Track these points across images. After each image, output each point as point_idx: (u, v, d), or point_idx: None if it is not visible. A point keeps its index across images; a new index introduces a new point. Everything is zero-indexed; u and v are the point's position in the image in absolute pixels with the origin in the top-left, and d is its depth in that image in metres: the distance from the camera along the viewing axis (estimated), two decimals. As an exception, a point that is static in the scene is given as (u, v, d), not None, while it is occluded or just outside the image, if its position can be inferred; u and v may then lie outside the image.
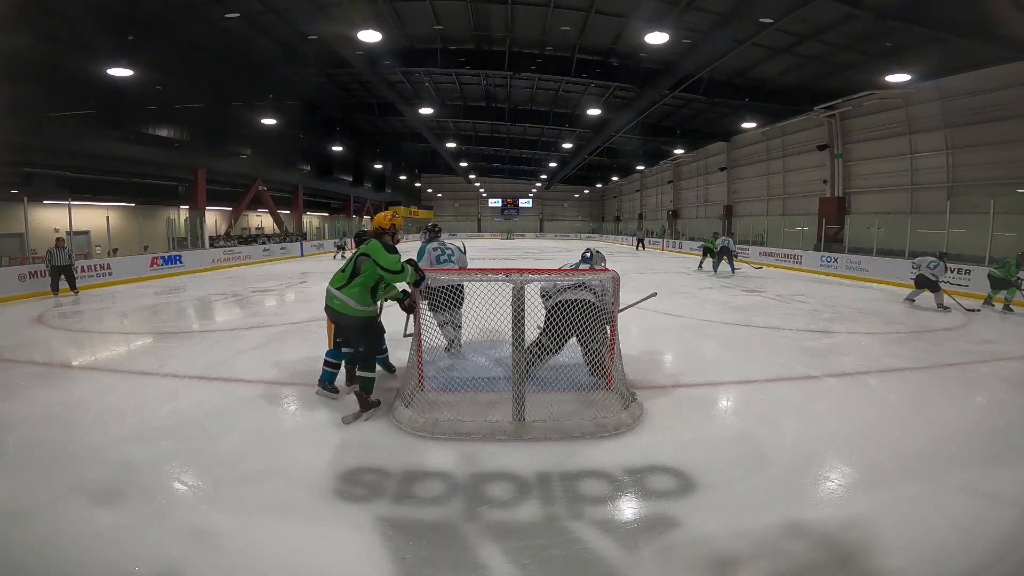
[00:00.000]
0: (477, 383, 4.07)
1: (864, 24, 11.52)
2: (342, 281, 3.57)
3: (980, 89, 13.19)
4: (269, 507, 2.51)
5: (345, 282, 3.55)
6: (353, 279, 3.54)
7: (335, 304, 3.59)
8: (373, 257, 3.49)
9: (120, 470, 2.85)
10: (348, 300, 3.54)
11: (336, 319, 3.70)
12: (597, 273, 4.13)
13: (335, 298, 3.58)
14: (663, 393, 4.16)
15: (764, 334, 6.58)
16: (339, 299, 3.55)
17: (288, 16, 13.69)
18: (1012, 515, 2.48)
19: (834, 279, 13.68)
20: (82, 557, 2.13)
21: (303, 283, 12.38)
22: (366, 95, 22.98)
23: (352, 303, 3.54)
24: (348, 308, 3.54)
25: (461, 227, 51.10)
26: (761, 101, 17.40)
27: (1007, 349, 5.93)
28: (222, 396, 4.12)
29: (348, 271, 3.57)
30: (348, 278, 3.55)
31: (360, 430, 3.42)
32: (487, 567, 2.08)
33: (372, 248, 3.52)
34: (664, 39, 11.36)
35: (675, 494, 2.63)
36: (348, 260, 3.66)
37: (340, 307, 3.56)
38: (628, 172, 39.47)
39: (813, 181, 19.89)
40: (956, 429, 3.56)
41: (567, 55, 16.07)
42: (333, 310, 3.63)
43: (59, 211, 13.98)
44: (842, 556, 2.16)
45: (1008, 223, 11.33)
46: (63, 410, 3.79)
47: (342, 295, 3.55)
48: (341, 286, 3.56)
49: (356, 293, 3.53)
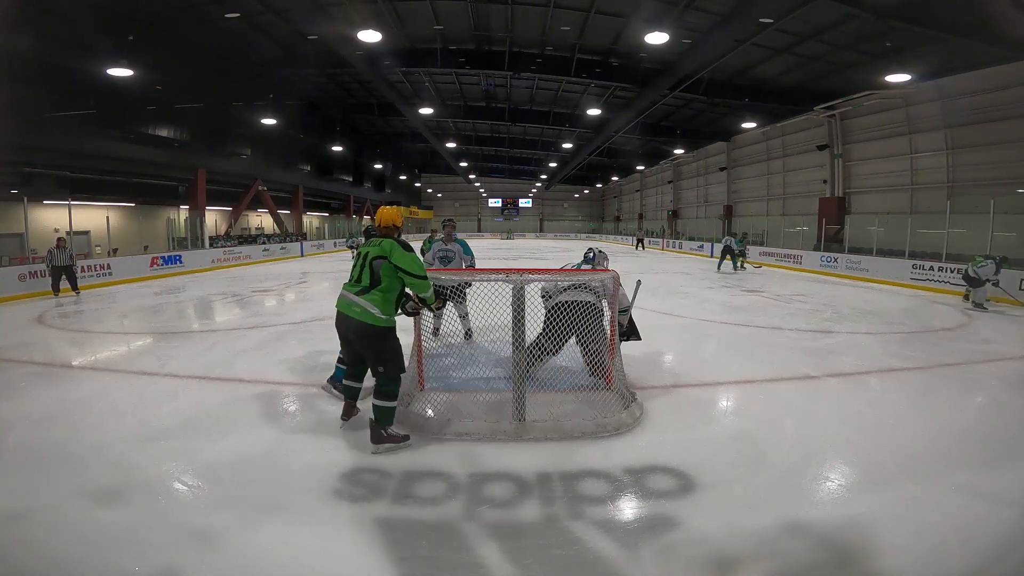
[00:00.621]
0: (477, 383, 4.07)
1: (864, 24, 11.53)
2: (360, 287, 3.07)
3: (980, 89, 13.19)
4: (269, 507, 2.50)
5: (365, 288, 3.05)
6: (375, 285, 3.04)
7: (355, 312, 3.03)
8: (393, 261, 3.03)
9: (120, 470, 2.85)
10: (371, 308, 3.01)
11: (351, 331, 3.10)
12: (597, 273, 4.13)
13: (355, 304, 3.03)
14: (663, 393, 4.16)
15: (764, 334, 6.58)
16: (360, 306, 3.02)
17: (288, 16, 13.69)
18: (1012, 515, 2.48)
19: (834, 279, 13.68)
20: (82, 557, 2.12)
21: (303, 283, 12.38)
22: (366, 95, 22.99)
23: (376, 311, 3.02)
24: (370, 316, 3.01)
25: (461, 227, 50.83)
26: (761, 101, 17.40)
27: (1007, 349, 5.93)
28: (222, 396, 4.12)
29: (365, 276, 3.07)
30: (369, 284, 3.05)
31: (360, 430, 3.42)
32: (487, 567, 2.08)
33: (390, 249, 3.06)
34: (664, 39, 11.37)
35: (675, 494, 2.63)
36: (358, 263, 3.15)
37: (360, 315, 3.01)
38: (628, 172, 39.48)
39: (813, 181, 19.90)
40: (956, 429, 3.56)
41: (567, 55, 16.08)
42: (350, 319, 3.05)
43: (59, 211, 13.98)
44: (842, 556, 2.16)
45: (1008, 223, 11.33)
46: (63, 410, 3.79)
47: (363, 301, 3.02)
48: (360, 291, 3.06)
49: (379, 299, 3.03)
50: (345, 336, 3.19)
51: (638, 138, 25.88)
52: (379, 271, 3.04)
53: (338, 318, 3.16)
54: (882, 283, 12.40)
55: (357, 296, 3.05)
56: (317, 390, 4.10)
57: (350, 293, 3.09)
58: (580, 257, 5.02)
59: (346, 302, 3.09)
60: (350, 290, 3.10)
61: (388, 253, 3.05)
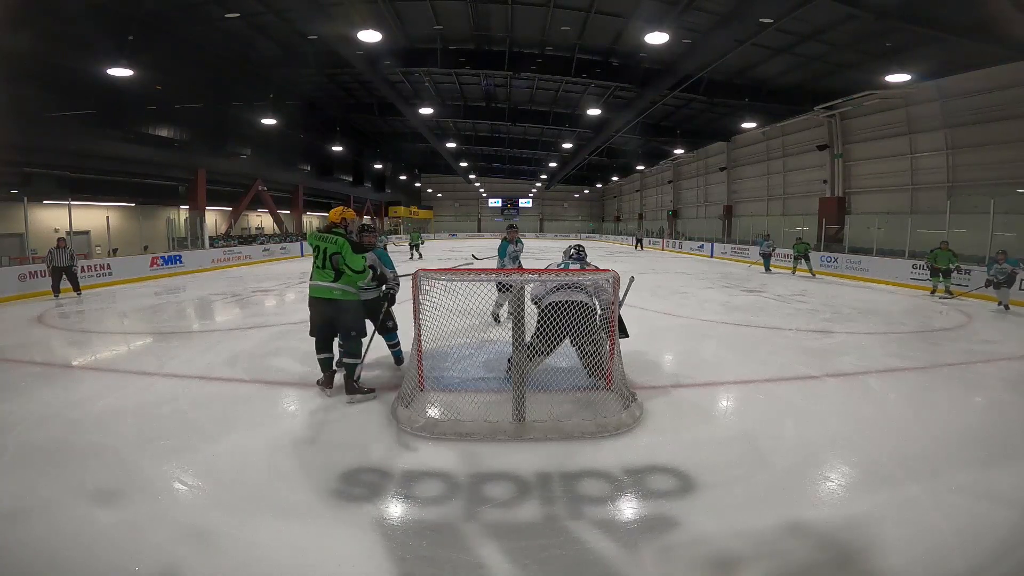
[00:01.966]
0: (477, 383, 4.07)
1: (864, 24, 11.52)
2: (331, 277, 3.86)
3: (980, 89, 13.20)
4: (269, 507, 2.50)
5: (333, 278, 3.87)
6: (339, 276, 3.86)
7: (335, 294, 3.85)
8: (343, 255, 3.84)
9: (120, 470, 2.85)
10: (347, 287, 3.89)
11: (333, 309, 3.89)
12: (591, 273, 4.07)
13: (334, 289, 3.85)
14: (663, 393, 4.16)
15: (764, 334, 6.58)
16: (339, 288, 3.86)
17: (288, 16, 13.69)
18: (1012, 515, 2.48)
19: (834, 279, 13.68)
20: (82, 557, 2.13)
21: (303, 283, 12.36)
22: (366, 95, 22.97)
23: (351, 289, 3.91)
24: (348, 294, 3.90)
25: (461, 227, 51.10)
26: (761, 101, 17.39)
27: (1007, 349, 5.94)
28: (222, 396, 4.12)
29: (329, 267, 3.86)
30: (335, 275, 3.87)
31: (360, 430, 3.42)
32: (487, 567, 2.08)
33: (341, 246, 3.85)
34: (664, 39, 11.35)
35: (675, 494, 2.63)
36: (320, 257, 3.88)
37: (341, 295, 3.87)
38: (628, 172, 39.48)
39: (813, 181, 19.91)
40: (956, 429, 3.56)
41: (567, 55, 16.07)
42: (331, 300, 3.86)
43: (59, 211, 13.98)
44: (842, 556, 2.16)
45: (1008, 223, 11.34)
46: (63, 410, 3.79)
47: (340, 284, 3.86)
48: (332, 280, 3.88)
49: (348, 280, 3.89)
50: (331, 312, 3.92)
51: (638, 138, 25.88)
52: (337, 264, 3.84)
53: (320, 303, 3.93)
54: (882, 283, 12.40)
55: (332, 283, 3.87)
56: (317, 390, 4.10)
57: (322, 282, 3.88)
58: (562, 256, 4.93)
59: (325, 290, 3.88)
60: (322, 280, 3.88)
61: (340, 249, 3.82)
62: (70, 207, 12.69)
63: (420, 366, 3.88)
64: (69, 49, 12.33)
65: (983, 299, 9.16)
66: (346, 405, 3.84)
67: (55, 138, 13.67)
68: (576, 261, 4.79)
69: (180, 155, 17.93)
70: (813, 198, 19.58)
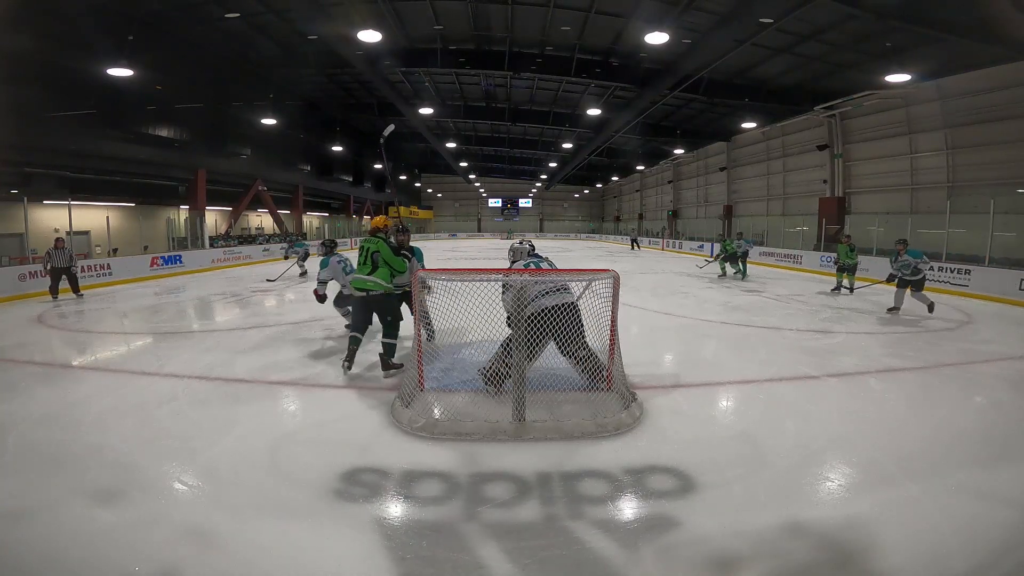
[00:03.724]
0: (477, 383, 4.07)
1: (864, 24, 11.52)
2: (368, 270, 4.45)
3: (980, 89, 13.19)
4: (269, 507, 2.51)
5: (370, 270, 4.45)
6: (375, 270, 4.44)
7: (368, 284, 4.42)
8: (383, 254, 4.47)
9: (120, 470, 2.85)
10: (380, 280, 4.42)
11: (369, 298, 4.48)
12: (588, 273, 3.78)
13: (367, 280, 4.42)
14: (663, 393, 4.16)
15: (764, 334, 6.58)
16: (372, 280, 4.42)
17: (288, 16, 13.68)
18: (1012, 515, 2.48)
19: (834, 279, 13.62)
20: (82, 557, 2.13)
21: (303, 283, 12.37)
22: (366, 95, 22.96)
23: (383, 281, 4.44)
24: (380, 285, 4.43)
25: (461, 227, 51.11)
26: (761, 101, 17.38)
27: (1007, 349, 5.93)
28: (222, 396, 4.12)
29: (368, 263, 4.47)
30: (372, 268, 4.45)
31: (360, 430, 3.42)
32: (487, 567, 2.08)
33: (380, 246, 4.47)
34: (664, 39, 11.35)
35: (675, 494, 2.63)
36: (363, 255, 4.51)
37: (374, 286, 4.42)
38: (628, 172, 39.45)
39: (813, 181, 19.89)
40: (956, 429, 3.56)
41: (567, 55, 16.06)
42: (366, 290, 4.43)
43: (59, 211, 13.97)
44: (842, 556, 2.16)
45: (1008, 223, 11.34)
46: (63, 410, 3.79)
47: (375, 277, 4.42)
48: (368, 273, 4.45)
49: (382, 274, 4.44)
50: (369, 301, 4.50)
51: (638, 138, 25.86)
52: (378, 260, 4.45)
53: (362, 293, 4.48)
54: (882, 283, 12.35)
55: (369, 275, 4.44)
56: (318, 390, 4.11)
57: (362, 275, 4.46)
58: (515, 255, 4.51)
59: (362, 282, 4.44)
60: (363, 273, 4.47)
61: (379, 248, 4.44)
62: (70, 207, 12.70)
63: (420, 366, 3.88)
64: (69, 49, 12.32)
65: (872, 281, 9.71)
66: (346, 405, 3.85)
67: (55, 138, 13.67)
68: (540, 259, 4.39)
69: (180, 155, 17.92)
70: (813, 198, 19.57)
